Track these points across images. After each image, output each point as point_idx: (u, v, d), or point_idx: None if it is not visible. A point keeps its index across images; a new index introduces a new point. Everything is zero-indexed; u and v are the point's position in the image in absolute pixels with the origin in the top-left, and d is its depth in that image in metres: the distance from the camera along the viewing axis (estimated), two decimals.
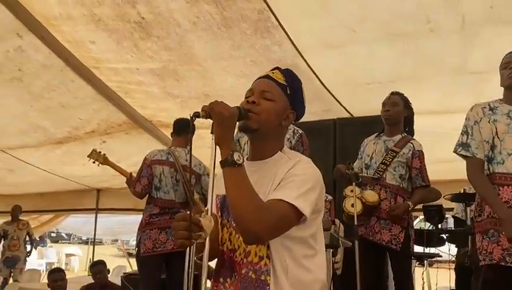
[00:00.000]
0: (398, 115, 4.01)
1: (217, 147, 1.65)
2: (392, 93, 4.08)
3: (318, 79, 4.79)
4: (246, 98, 1.84)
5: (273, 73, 1.88)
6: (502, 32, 3.81)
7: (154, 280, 4.56)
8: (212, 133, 1.65)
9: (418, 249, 4.73)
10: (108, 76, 5.22)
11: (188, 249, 1.60)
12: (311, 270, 1.77)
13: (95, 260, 8.11)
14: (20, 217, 9.31)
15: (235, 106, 1.73)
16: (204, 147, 6.10)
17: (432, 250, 5.26)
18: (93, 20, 4.16)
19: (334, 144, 5.43)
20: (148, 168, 4.59)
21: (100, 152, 4.71)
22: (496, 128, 2.86)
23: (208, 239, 1.60)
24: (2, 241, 9.25)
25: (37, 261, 16.00)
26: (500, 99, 3.00)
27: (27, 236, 9.37)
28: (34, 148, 6.77)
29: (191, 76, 4.91)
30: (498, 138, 2.84)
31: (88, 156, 4.68)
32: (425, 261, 5.45)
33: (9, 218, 9.32)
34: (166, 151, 4.72)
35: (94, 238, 11.08)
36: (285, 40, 4.14)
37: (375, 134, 4.17)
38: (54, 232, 24.60)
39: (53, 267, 15.54)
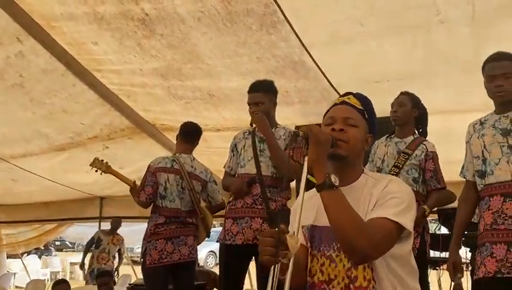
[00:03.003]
0: (405, 116, 3.91)
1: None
2: (401, 93, 4.01)
3: (325, 77, 4.69)
4: (326, 125, 1.87)
5: (348, 98, 1.94)
6: None
7: None
8: (305, 155, 1.71)
9: (433, 253, 4.64)
10: (111, 79, 5.14)
11: (272, 267, 1.54)
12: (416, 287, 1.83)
13: (100, 270, 8.02)
14: (116, 232, 9.10)
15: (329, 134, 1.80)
16: (208, 151, 6.04)
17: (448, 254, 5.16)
18: (95, 19, 4.07)
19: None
20: (152, 176, 4.48)
21: (103, 160, 4.62)
22: (484, 142, 2.88)
23: (292, 260, 1.58)
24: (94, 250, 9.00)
25: (42, 270, 15.93)
26: (493, 111, 3.00)
27: (117, 253, 9.14)
28: (36, 156, 6.69)
29: (196, 75, 4.81)
30: (486, 150, 2.86)
31: (90, 165, 4.60)
32: (441, 268, 5.36)
33: (13, 229, 9.19)
34: (171, 159, 4.61)
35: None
36: (292, 35, 4.04)
37: (386, 136, 4.07)
38: (58, 241, 24.55)
39: (58, 276, 15.56)
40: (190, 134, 4.74)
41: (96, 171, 4.62)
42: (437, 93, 4.76)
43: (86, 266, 9.01)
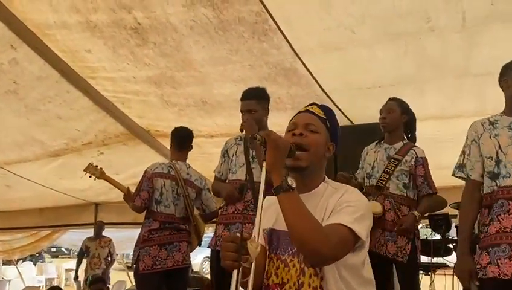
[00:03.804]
0: (394, 122, 3.95)
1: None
2: (389, 100, 4.03)
3: (318, 84, 4.73)
4: (289, 131, 1.93)
5: (312, 108, 2.00)
6: (504, 30, 3.74)
7: None
8: (263, 160, 1.75)
9: (424, 259, 4.66)
10: (105, 86, 5.16)
11: (235, 271, 1.57)
12: None
13: (93, 276, 8.01)
14: (102, 235, 9.11)
15: (290, 139, 1.87)
16: (202, 156, 6.06)
17: (439, 260, 5.19)
18: (88, 27, 4.09)
19: (334, 153, 5.34)
20: (148, 181, 4.49)
21: (97, 166, 4.64)
22: (499, 142, 2.80)
23: (253, 265, 1.61)
24: (86, 258, 8.99)
25: (37, 277, 15.86)
26: (500, 113, 2.95)
27: (108, 254, 9.12)
28: (30, 162, 6.67)
29: (189, 82, 4.84)
30: (502, 151, 2.78)
31: (84, 170, 4.62)
32: (431, 273, 5.38)
33: (7, 235, 9.17)
34: (167, 165, 4.63)
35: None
36: (284, 43, 4.08)
37: (375, 142, 4.11)
38: (54, 247, 24.44)
39: (53, 283, 15.51)
40: (182, 140, 4.77)
41: (90, 176, 4.64)
42: (428, 99, 4.81)
43: (82, 277, 8.98)
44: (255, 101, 3.84)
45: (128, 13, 3.88)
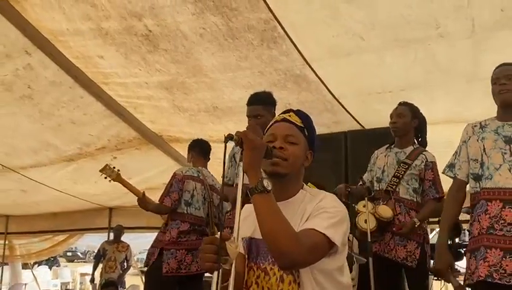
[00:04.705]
0: (405, 126, 3.94)
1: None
2: (399, 104, 4.02)
3: (327, 89, 4.74)
4: (268, 142, 1.89)
5: (289, 116, 1.97)
6: None
7: None
8: (240, 160, 1.75)
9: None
10: (118, 91, 5.24)
11: (214, 273, 1.57)
12: None
13: (106, 280, 8.06)
14: (121, 240, 9.05)
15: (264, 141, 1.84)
16: (214, 161, 6.11)
17: None
18: (100, 34, 4.17)
19: (345, 158, 5.36)
20: (179, 183, 4.50)
21: (114, 168, 4.56)
22: (484, 145, 2.89)
23: (234, 266, 1.60)
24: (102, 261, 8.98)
25: (52, 281, 15.98)
26: (493, 117, 3.03)
27: (125, 260, 9.07)
28: (45, 166, 6.78)
29: (199, 88, 4.89)
30: (486, 154, 2.87)
31: (100, 171, 4.54)
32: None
33: (23, 240, 9.19)
34: (195, 169, 4.68)
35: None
36: (293, 49, 4.11)
37: (386, 146, 4.09)
38: (69, 251, 24.62)
39: (68, 287, 15.62)
40: (206, 150, 4.90)
41: (105, 178, 4.55)
42: (438, 104, 4.80)
43: (97, 280, 9.01)
44: (261, 106, 3.83)
45: (139, 21, 3.95)
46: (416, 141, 4.03)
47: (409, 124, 3.96)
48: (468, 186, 3.05)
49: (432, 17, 3.70)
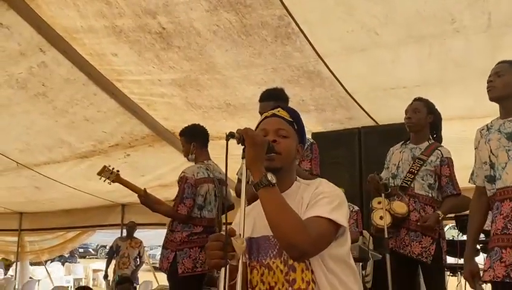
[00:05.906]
0: (420, 122, 3.90)
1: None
2: (415, 100, 3.98)
3: (341, 85, 4.72)
4: None
5: (278, 111, 2.00)
6: None
7: None
8: (243, 158, 1.75)
9: (451, 259, 4.59)
10: (131, 88, 5.25)
11: (222, 269, 1.60)
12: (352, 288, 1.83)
13: (121, 276, 8.09)
14: (134, 236, 9.06)
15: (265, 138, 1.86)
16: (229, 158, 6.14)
17: None
18: (114, 32, 4.18)
19: (359, 154, 5.35)
20: (192, 188, 4.31)
21: (113, 169, 4.36)
22: (490, 146, 2.88)
23: (241, 262, 1.62)
24: (115, 257, 9.00)
25: (65, 277, 16.10)
26: (498, 117, 3.01)
27: (138, 256, 9.06)
28: (59, 163, 6.83)
29: (213, 85, 4.89)
30: (493, 154, 2.86)
31: (98, 174, 4.31)
32: (459, 273, 5.30)
33: (36, 236, 9.22)
34: (204, 167, 4.44)
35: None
36: (307, 46, 4.09)
37: (401, 142, 4.07)
38: (81, 248, 24.78)
39: (80, 283, 15.73)
40: (206, 136, 4.61)
41: (104, 180, 4.33)
42: (453, 99, 4.76)
43: (110, 277, 9.05)
44: (274, 102, 3.78)
45: (152, 18, 3.96)
46: (431, 137, 4.01)
47: (424, 120, 3.93)
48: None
49: (447, 12, 3.67)
